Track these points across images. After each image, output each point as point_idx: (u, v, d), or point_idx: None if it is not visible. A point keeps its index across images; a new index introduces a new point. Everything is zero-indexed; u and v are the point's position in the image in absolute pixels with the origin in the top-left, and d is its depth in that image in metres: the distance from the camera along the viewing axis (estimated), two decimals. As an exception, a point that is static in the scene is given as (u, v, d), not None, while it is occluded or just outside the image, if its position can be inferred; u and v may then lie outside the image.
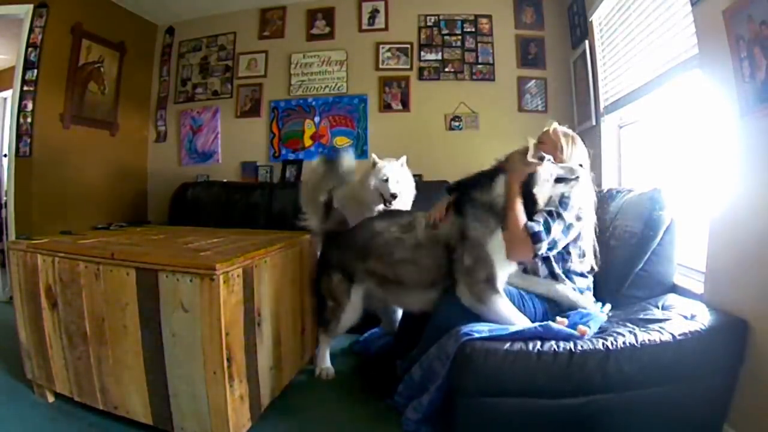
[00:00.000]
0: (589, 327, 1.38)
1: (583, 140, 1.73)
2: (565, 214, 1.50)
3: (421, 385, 1.47)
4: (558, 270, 1.60)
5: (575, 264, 1.61)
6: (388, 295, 1.85)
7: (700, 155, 1.71)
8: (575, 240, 1.58)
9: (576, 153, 1.66)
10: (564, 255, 1.60)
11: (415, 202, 2.19)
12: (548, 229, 1.46)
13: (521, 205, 1.50)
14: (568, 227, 1.51)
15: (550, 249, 1.50)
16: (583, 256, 1.61)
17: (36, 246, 1.57)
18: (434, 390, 1.41)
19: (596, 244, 1.65)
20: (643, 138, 2.41)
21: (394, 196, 2.01)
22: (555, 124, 1.73)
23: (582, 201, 1.55)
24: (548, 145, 1.64)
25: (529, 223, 1.47)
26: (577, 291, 1.60)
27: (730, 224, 1.42)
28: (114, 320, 1.40)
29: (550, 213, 1.50)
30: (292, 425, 1.56)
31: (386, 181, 2.02)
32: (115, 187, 3.57)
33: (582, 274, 1.64)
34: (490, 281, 1.49)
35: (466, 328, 1.40)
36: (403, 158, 2.14)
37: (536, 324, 1.42)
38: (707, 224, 1.55)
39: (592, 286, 1.68)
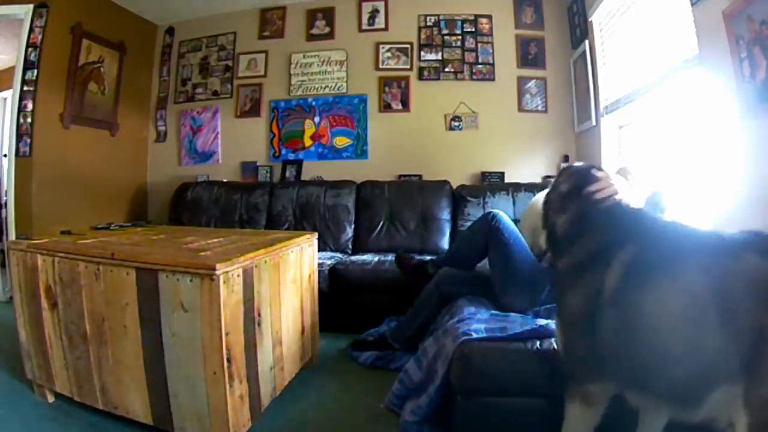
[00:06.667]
0: None
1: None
2: None
3: (421, 386, 1.47)
4: None
5: None
6: None
7: (701, 155, 1.71)
8: None
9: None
10: None
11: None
12: None
13: None
14: None
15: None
16: None
17: (36, 246, 1.57)
18: (433, 391, 1.41)
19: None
20: (643, 138, 2.41)
21: None
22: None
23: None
24: None
25: None
26: None
27: (730, 224, 1.42)
28: (114, 320, 1.40)
29: None
30: (292, 425, 1.55)
31: None
32: (115, 187, 3.57)
33: None
34: None
35: (464, 327, 1.40)
36: None
37: (529, 323, 1.43)
38: (708, 224, 1.54)
39: None
